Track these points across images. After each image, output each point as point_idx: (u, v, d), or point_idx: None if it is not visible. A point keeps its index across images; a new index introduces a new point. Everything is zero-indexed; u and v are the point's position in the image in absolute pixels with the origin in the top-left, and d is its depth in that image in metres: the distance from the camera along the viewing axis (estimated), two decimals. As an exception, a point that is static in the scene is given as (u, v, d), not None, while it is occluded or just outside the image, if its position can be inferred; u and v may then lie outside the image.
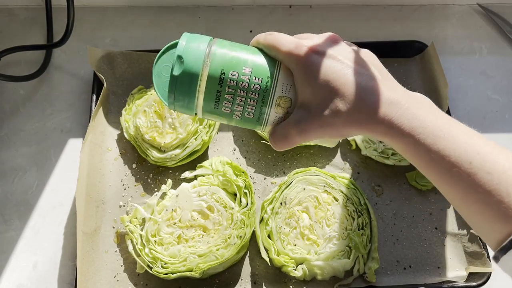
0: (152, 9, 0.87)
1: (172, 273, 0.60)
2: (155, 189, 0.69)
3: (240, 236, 0.62)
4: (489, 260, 0.63)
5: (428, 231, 0.67)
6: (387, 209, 0.69)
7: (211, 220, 0.63)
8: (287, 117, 0.45)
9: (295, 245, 0.63)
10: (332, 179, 0.67)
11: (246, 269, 0.64)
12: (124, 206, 0.68)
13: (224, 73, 0.43)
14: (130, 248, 0.63)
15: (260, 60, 0.45)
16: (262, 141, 0.72)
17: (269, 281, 0.64)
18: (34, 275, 0.65)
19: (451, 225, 0.68)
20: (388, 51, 0.81)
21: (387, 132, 0.41)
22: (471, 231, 0.66)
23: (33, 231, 0.67)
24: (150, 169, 0.71)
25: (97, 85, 0.75)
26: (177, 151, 0.68)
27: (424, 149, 0.40)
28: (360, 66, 0.43)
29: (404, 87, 0.79)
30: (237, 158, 0.72)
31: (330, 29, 0.86)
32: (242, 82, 0.44)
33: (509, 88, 0.82)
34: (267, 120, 0.46)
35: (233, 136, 0.74)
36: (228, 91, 0.44)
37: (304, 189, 0.66)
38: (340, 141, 0.73)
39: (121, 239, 0.66)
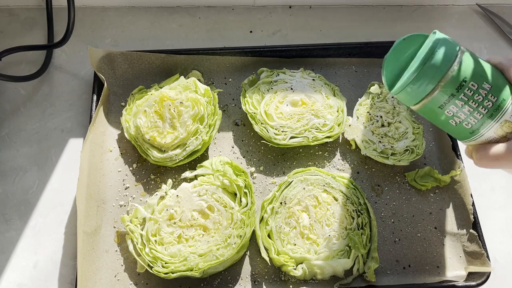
0: (152, 10, 0.87)
1: (173, 273, 0.60)
2: (156, 189, 0.69)
3: (240, 236, 0.62)
4: (488, 259, 0.63)
5: (428, 231, 0.67)
6: (387, 209, 0.69)
7: (211, 219, 0.63)
8: (502, 140, 0.47)
9: (295, 244, 0.63)
10: (331, 179, 0.67)
11: (246, 268, 0.65)
12: (124, 205, 0.68)
13: (465, 81, 0.46)
14: (131, 247, 0.63)
15: (501, 82, 0.47)
16: (262, 141, 0.72)
17: (269, 281, 0.64)
18: (35, 274, 0.65)
19: (451, 224, 0.68)
20: (387, 52, 0.81)
21: None
22: (471, 230, 0.66)
23: (33, 230, 0.68)
24: (150, 169, 0.71)
25: (97, 85, 0.75)
26: (178, 151, 0.68)
27: None
28: None
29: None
30: (237, 158, 0.72)
31: (330, 29, 0.87)
32: (478, 95, 0.46)
33: (509, 88, 0.82)
34: (481, 136, 0.48)
35: (233, 136, 0.74)
36: (461, 98, 0.46)
37: (304, 188, 0.66)
38: None
39: (121, 238, 0.66)
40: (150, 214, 0.64)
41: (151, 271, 0.61)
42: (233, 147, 0.73)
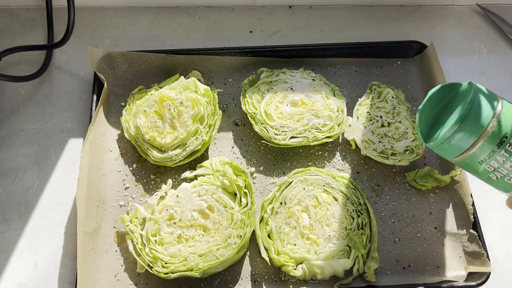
0: (152, 10, 0.87)
1: (173, 273, 0.60)
2: (156, 189, 0.69)
3: (240, 236, 0.62)
4: (488, 259, 0.63)
5: (428, 231, 0.67)
6: (387, 209, 0.69)
7: (211, 219, 0.63)
8: None
9: (295, 244, 0.63)
10: (331, 179, 0.67)
11: (246, 268, 0.65)
12: (124, 206, 0.68)
13: (506, 137, 0.44)
14: (131, 247, 0.63)
15: None
16: (262, 141, 0.72)
17: (269, 281, 0.64)
18: (35, 274, 0.65)
19: (451, 225, 0.68)
20: (388, 51, 0.81)
21: None
22: (471, 230, 0.66)
23: (33, 230, 0.68)
24: (150, 169, 0.71)
25: (97, 85, 0.75)
26: (178, 151, 0.68)
27: None
28: None
29: (404, 87, 0.80)
30: (237, 158, 0.72)
31: (330, 29, 0.87)
32: None
33: (509, 88, 0.82)
34: None
35: (233, 136, 0.74)
36: (503, 154, 0.44)
37: (304, 189, 0.66)
38: None
39: (121, 238, 0.66)
40: (150, 214, 0.64)
41: (151, 271, 0.61)
42: (233, 147, 0.73)
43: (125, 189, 0.69)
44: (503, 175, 0.45)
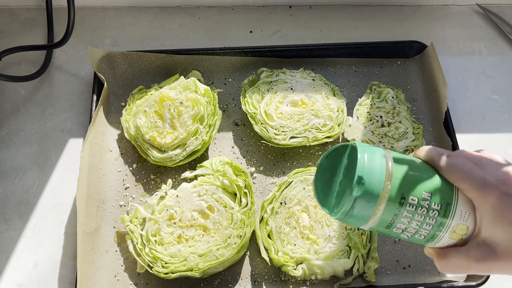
0: (152, 10, 0.87)
1: (172, 273, 0.60)
2: (156, 189, 0.69)
3: (240, 236, 0.62)
4: (489, 259, 0.63)
5: (428, 231, 0.67)
6: (387, 209, 0.69)
7: (211, 219, 0.63)
8: (459, 243, 0.44)
9: (295, 244, 0.63)
10: (331, 179, 0.67)
11: (246, 269, 0.65)
12: (124, 206, 0.68)
13: (404, 198, 0.42)
14: (131, 247, 0.63)
15: (439, 184, 0.43)
16: (262, 141, 0.72)
17: (269, 281, 0.64)
18: (35, 274, 0.65)
19: (451, 224, 0.68)
20: (388, 51, 0.81)
21: None
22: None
23: (33, 230, 0.68)
24: (150, 169, 0.71)
25: (97, 85, 0.75)
26: (178, 151, 0.68)
27: None
28: None
29: (404, 87, 0.80)
30: (237, 158, 0.72)
31: (330, 29, 0.87)
32: (421, 208, 0.42)
33: (509, 88, 0.82)
34: (437, 242, 0.44)
35: (233, 136, 0.74)
36: (405, 215, 0.42)
37: (304, 189, 0.66)
38: None
39: (121, 238, 0.66)
40: (150, 214, 0.64)
41: (151, 271, 0.61)
42: (233, 147, 0.73)
43: (125, 189, 0.69)
44: (413, 233, 0.43)
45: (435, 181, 0.43)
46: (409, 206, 0.42)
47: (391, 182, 0.41)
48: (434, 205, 0.42)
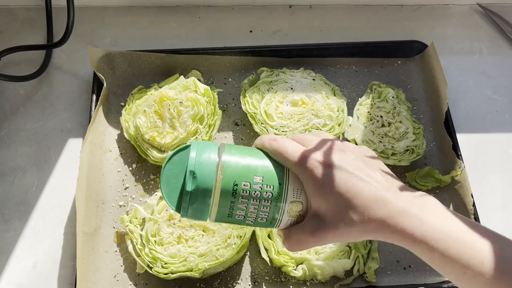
0: (152, 9, 0.87)
1: (172, 273, 0.60)
2: (155, 189, 0.69)
3: (240, 236, 0.62)
4: (489, 260, 0.63)
5: (428, 231, 0.67)
6: (387, 209, 0.69)
7: (211, 220, 0.63)
8: (299, 219, 0.46)
9: (295, 245, 0.63)
10: (332, 179, 0.67)
11: (246, 269, 0.64)
12: (124, 206, 0.68)
13: (236, 184, 0.43)
14: (130, 248, 0.63)
15: (269, 167, 0.45)
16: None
17: (269, 281, 0.64)
18: (34, 275, 0.65)
19: (451, 225, 0.68)
20: (388, 51, 0.81)
21: (401, 240, 0.42)
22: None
23: (33, 231, 0.67)
24: (150, 169, 0.71)
25: (97, 85, 0.75)
26: (177, 151, 0.68)
27: (438, 254, 0.41)
28: (367, 175, 0.43)
29: (404, 87, 0.80)
30: (237, 158, 0.72)
31: (330, 29, 0.87)
32: (255, 192, 0.44)
33: (509, 88, 0.82)
34: (280, 223, 0.46)
35: (233, 136, 0.74)
36: (241, 201, 0.44)
37: (304, 189, 0.66)
38: None
39: (121, 239, 0.66)
40: (150, 214, 0.64)
41: (150, 271, 0.61)
42: (233, 147, 0.73)
43: (125, 189, 0.69)
44: (255, 218, 0.45)
45: (266, 165, 0.45)
46: (243, 192, 0.43)
47: (223, 172, 0.43)
48: (267, 187, 0.44)
